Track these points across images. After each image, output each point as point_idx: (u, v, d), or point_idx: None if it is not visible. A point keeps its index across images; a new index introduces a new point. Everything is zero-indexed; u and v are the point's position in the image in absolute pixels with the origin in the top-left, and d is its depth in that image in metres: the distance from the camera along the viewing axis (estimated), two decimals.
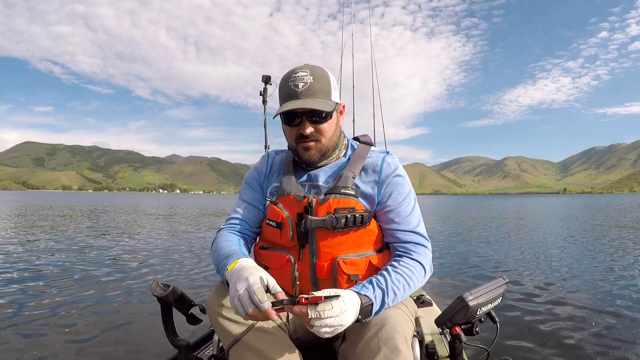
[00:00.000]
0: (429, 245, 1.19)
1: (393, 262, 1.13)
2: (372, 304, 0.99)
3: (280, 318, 1.15)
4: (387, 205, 1.18)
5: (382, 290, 1.03)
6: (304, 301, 0.88)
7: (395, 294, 1.04)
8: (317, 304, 0.87)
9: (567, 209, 29.88)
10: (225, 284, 1.06)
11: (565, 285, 4.63)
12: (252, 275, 0.95)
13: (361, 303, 0.96)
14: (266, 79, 2.71)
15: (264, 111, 2.75)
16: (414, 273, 1.11)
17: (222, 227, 1.29)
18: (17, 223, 13.44)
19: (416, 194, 1.25)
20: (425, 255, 1.16)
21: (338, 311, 0.89)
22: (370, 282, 1.04)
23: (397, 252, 1.17)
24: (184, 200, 60.93)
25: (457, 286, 4.72)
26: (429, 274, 1.17)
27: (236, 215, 1.29)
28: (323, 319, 0.87)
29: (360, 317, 0.96)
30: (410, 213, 1.19)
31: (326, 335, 0.90)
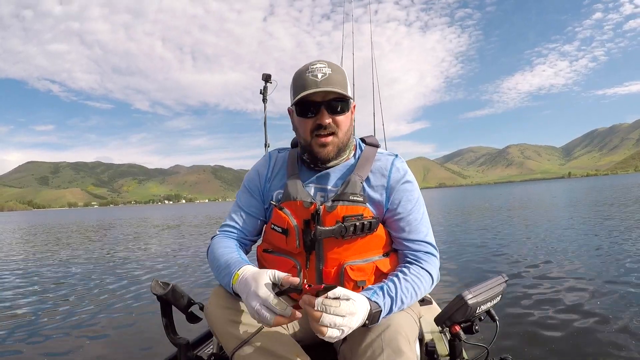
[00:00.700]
0: (437, 254, 1.19)
1: (403, 269, 1.12)
2: (381, 311, 0.99)
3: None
4: (397, 212, 1.17)
5: (392, 298, 1.03)
6: (307, 288, 0.87)
7: (402, 302, 1.05)
8: (324, 294, 0.86)
9: (570, 193, 29.45)
10: (230, 293, 1.08)
11: (567, 281, 4.44)
12: (260, 288, 0.93)
13: (370, 309, 0.96)
14: (266, 77, 2.69)
15: (264, 109, 2.74)
16: (422, 282, 1.11)
17: (217, 233, 1.28)
18: (28, 241, 13.53)
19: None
20: (434, 264, 1.16)
21: (346, 311, 0.87)
22: (381, 289, 1.04)
23: (407, 259, 1.16)
24: (189, 210, 61.02)
25: (456, 284, 4.62)
26: (435, 282, 1.17)
27: (232, 223, 1.28)
28: (330, 314, 0.85)
29: (367, 322, 0.96)
30: (420, 221, 1.18)
31: (334, 339, 0.87)
